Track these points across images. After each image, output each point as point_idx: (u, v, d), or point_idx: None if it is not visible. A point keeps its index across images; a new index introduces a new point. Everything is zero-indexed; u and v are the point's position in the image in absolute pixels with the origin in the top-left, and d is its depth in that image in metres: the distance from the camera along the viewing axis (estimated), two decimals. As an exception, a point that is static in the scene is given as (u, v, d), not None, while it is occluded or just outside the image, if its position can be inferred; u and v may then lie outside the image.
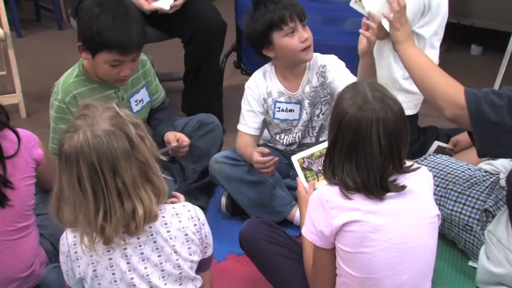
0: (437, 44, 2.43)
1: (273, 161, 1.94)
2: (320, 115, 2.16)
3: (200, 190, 2.28)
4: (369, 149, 1.32)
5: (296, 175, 1.76)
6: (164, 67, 3.65)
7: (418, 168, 1.44)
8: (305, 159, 1.75)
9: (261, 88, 2.12)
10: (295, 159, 1.76)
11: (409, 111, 2.48)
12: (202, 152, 2.31)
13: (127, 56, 1.92)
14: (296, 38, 1.99)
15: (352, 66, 2.84)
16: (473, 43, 3.99)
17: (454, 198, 1.92)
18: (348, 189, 1.35)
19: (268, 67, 2.16)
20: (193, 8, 2.65)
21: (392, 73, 2.45)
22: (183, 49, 2.80)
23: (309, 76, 2.11)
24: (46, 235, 1.81)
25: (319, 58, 2.11)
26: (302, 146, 2.16)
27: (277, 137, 2.22)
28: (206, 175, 2.24)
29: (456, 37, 3.72)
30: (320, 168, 1.74)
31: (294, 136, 2.19)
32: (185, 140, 2.10)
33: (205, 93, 2.78)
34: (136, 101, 2.17)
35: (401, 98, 2.39)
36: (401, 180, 1.39)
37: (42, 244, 1.77)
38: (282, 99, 2.13)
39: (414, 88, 2.41)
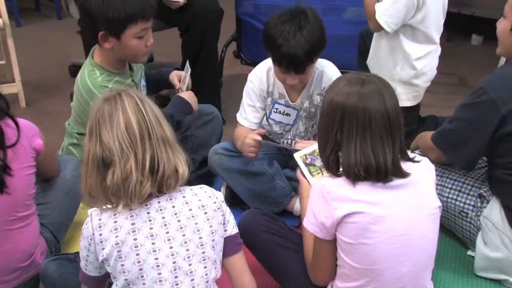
0: (436, 35, 2.42)
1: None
2: (315, 125, 2.15)
3: (199, 180, 2.28)
4: (376, 135, 1.33)
5: (296, 165, 1.76)
6: (163, 57, 3.65)
7: (421, 160, 1.44)
8: (307, 156, 1.75)
9: (263, 85, 2.09)
10: (298, 156, 1.76)
11: (407, 102, 2.49)
12: (201, 142, 2.31)
13: (149, 21, 1.98)
14: (289, 80, 1.94)
15: (352, 56, 2.84)
16: (473, 33, 3.98)
17: (449, 186, 1.93)
18: (356, 177, 1.35)
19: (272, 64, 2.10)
20: None
21: (389, 65, 2.44)
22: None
23: (310, 91, 2.07)
24: (46, 225, 1.82)
25: (325, 77, 2.05)
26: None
27: (272, 136, 2.22)
28: (205, 165, 2.24)
29: (457, 26, 3.71)
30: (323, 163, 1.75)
31: (289, 142, 2.19)
32: None
33: (203, 82, 2.78)
34: (142, 85, 2.22)
35: (400, 89, 2.40)
36: (405, 168, 1.39)
37: (42, 233, 1.77)
38: (282, 101, 2.11)
39: (412, 80, 2.42)
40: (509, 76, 1.71)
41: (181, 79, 2.28)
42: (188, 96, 2.19)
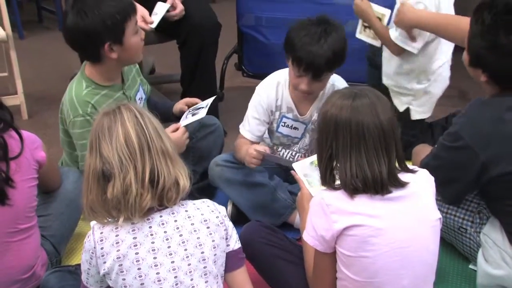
0: (451, 47, 2.41)
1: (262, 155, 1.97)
2: None
3: (201, 192, 2.28)
4: (370, 147, 1.34)
5: (295, 181, 1.76)
6: (164, 69, 3.66)
7: (419, 171, 1.44)
8: (305, 167, 1.75)
9: (271, 99, 2.08)
10: (296, 166, 1.76)
11: (423, 115, 2.47)
12: (203, 153, 2.31)
13: (136, 14, 2.00)
14: (302, 85, 1.94)
15: (353, 68, 2.85)
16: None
17: None
18: (353, 190, 1.35)
19: (282, 78, 2.09)
20: (187, 10, 2.65)
21: (405, 80, 2.43)
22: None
23: (320, 104, 2.05)
24: (48, 236, 1.82)
25: (335, 89, 2.02)
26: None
27: (275, 148, 2.22)
28: (206, 177, 2.24)
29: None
30: None
31: (293, 154, 2.20)
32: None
33: (201, 94, 2.78)
34: (139, 98, 2.21)
35: (417, 102, 2.40)
36: (404, 179, 1.39)
37: (43, 245, 1.77)
38: (290, 115, 2.11)
39: (428, 91, 2.41)
40: (480, 121, 1.67)
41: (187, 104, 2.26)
42: (175, 138, 2.04)
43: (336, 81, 2.08)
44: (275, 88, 2.08)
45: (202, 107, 2.15)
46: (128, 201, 1.29)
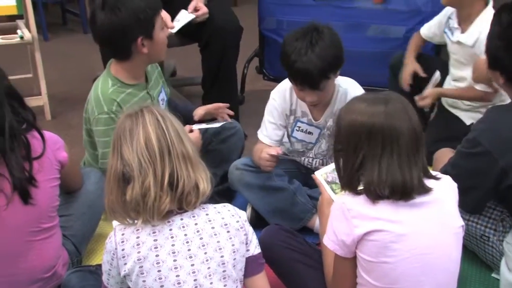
0: None
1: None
2: None
3: (220, 195, 2.29)
4: (403, 152, 1.33)
5: (315, 185, 1.76)
6: (185, 72, 3.68)
7: (442, 177, 1.43)
8: (328, 174, 1.74)
9: (286, 103, 2.09)
10: (319, 174, 1.75)
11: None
12: (223, 156, 2.32)
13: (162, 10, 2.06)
14: (307, 97, 1.95)
15: (374, 73, 2.84)
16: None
17: None
18: (378, 196, 1.34)
19: None
20: (210, 13, 2.67)
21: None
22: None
23: (334, 109, 2.06)
24: (69, 236, 1.84)
25: (349, 96, 2.02)
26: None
27: (291, 155, 2.22)
28: (227, 180, 2.24)
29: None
30: None
31: (310, 161, 2.19)
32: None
33: (222, 97, 2.79)
34: (161, 99, 2.23)
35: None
36: (428, 185, 1.38)
37: (65, 245, 1.79)
38: (305, 119, 2.11)
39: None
40: (500, 125, 1.66)
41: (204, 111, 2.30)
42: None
43: (350, 86, 2.06)
44: (289, 93, 2.08)
45: (219, 123, 2.24)
46: (147, 204, 1.29)
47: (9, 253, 1.58)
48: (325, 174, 1.75)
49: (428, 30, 2.58)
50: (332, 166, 1.76)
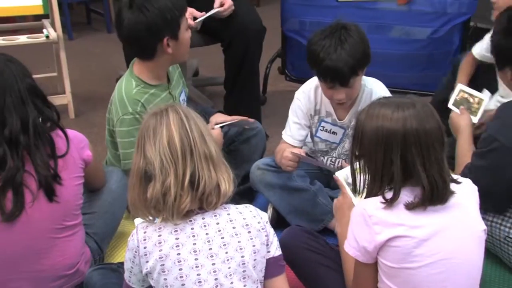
0: None
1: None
2: None
3: (241, 195, 2.29)
4: (439, 155, 1.32)
5: (337, 187, 1.75)
6: (208, 71, 3.70)
7: (463, 180, 1.41)
8: (348, 175, 1.73)
9: (310, 103, 2.09)
10: (339, 175, 1.75)
11: None
12: (244, 157, 2.32)
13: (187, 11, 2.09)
14: (336, 95, 1.95)
15: (397, 74, 2.82)
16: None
17: None
18: (413, 205, 1.32)
19: None
20: (233, 13, 2.66)
21: None
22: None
23: (358, 109, 2.04)
24: (91, 234, 1.85)
25: (374, 95, 2.01)
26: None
27: (315, 155, 2.21)
28: (248, 180, 2.25)
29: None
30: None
31: (333, 161, 2.18)
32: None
33: (244, 98, 2.80)
34: (182, 100, 2.24)
35: None
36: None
37: (87, 242, 1.81)
38: (329, 119, 2.11)
39: None
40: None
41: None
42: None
43: (375, 86, 2.06)
44: (313, 92, 2.08)
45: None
46: (167, 203, 1.30)
47: (34, 250, 1.60)
48: (346, 175, 1.74)
49: (480, 49, 2.42)
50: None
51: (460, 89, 2.21)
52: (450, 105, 2.18)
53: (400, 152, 1.31)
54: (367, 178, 1.40)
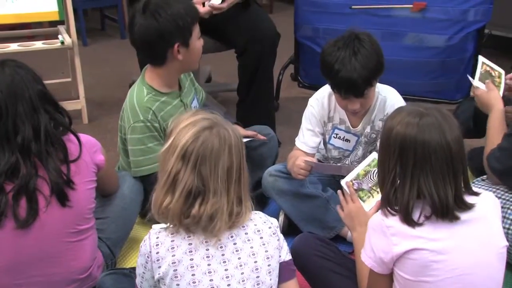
0: None
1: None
2: (373, 151, 2.12)
3: (253, 202, 2.29)
4: (436, 169, 1.29)
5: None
6: (221, 78, 3.71)
7: (484, 193, 1.39)
8: (353, 181, 1.73)
9: (324, 110, 2.09)
10: (344, 183, 1.74)
11: None
12: (257, 163, 2.31)
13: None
14: (350, 105, 1.95)
15: (411, 82, 2.80)
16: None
17: None
18: (412, 221, 1.30)
19: None
20: (247, 19, 2.67)
21: None
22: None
23: (372, 116, 2.05)
24: (104, 239, 1.86)
25: (388, 103, 2.02)
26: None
27: (326, 162, 2.21)
28: (260, 186, 2.24)
29: None
30: (370, 185, 1.73)
31: None
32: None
33: (257, 104, 2.79)
34: (194, 107, 2.24)
35: None
36: (470, 201, 1.34)
37: (100, 247, 1.81)
38: (342, 127, 2.11)
39: None
40: None
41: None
42: None
43: (388, 93, 2.05)
44: (327, 99, 2.08)
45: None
46: (209, 225, 1.30)
47: (47, 254, 1.61)
48: (351, 182, 1.73)
49: None
50: (354, 172, 1.73)
51: (482, 61, 2.17)
52: (475, 81, 2.12)
53: (396, 158, 1.31)
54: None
